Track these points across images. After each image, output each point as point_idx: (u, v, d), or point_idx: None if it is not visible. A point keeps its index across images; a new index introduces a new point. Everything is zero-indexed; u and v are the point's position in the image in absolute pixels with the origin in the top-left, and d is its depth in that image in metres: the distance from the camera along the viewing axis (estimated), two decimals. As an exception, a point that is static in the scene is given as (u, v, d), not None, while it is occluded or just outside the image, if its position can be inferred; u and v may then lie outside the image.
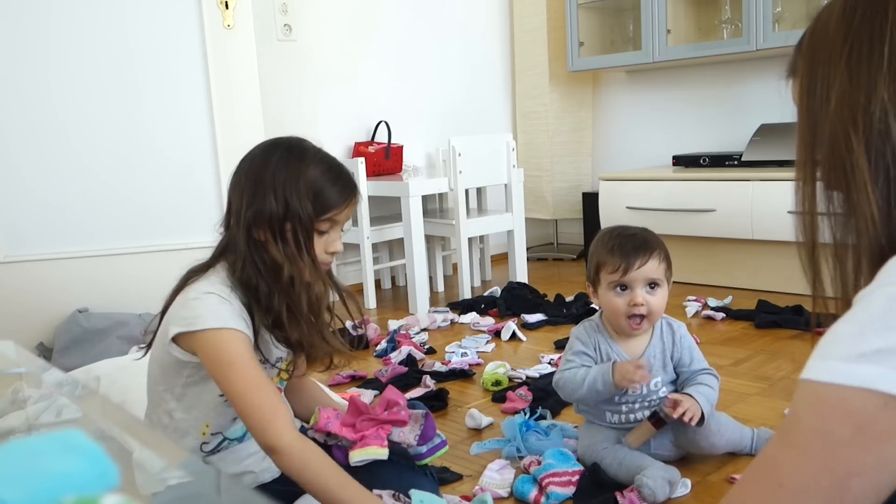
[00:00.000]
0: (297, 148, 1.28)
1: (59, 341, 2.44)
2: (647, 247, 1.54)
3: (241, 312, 1.22)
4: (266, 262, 1.23)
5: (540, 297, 3.15)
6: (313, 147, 1.30)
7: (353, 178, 1.30)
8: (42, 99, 2.48)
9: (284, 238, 1.22)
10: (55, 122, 2.50)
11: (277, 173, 1.23)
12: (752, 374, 2.20)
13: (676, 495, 1.49)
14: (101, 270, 2.56)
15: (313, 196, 1.23)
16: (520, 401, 2.03)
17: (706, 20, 3.72)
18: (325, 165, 1.26)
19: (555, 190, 4.18)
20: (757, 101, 3.63)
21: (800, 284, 3.36)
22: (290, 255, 1.22)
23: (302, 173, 1.23)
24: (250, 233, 1.23)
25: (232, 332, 1.18)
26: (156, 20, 2.58)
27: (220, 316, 1.18)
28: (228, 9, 2.64)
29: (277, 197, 1.21)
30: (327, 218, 1.25)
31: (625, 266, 1.52)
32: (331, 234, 1.28)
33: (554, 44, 4.08)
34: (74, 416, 1.18)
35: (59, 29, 2.47)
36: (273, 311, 1.23)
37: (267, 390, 1.18)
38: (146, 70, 2.57)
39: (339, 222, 1.28)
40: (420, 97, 3.95)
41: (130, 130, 2.57)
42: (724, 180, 3.18)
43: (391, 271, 3.81)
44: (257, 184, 1.23)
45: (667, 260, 1.56)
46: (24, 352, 1.12)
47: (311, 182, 1.23)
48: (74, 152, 2.53)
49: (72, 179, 2.53)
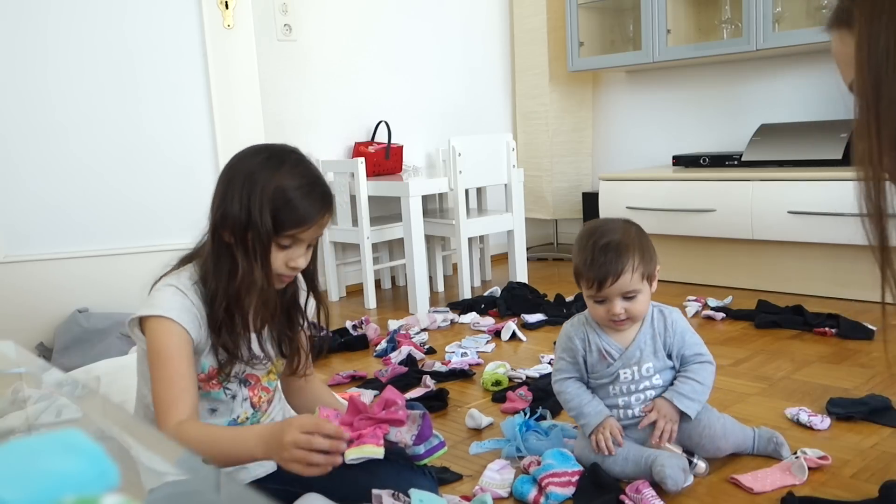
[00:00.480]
0: (279, 156, 1.24)
1: (59, 341, 2.44)
2: (620, 260, 1.50)
3: (194, 308, 1.23)
4: (225, 264, 1.23)
5: (540, 297, 3.15)
6: (297, 158, 1.26)
7: (326, 198, 1.25)
8: (42, 99, 2.48)
9: (245, 244, 1.21)
10: (55, 123, 2.50)
11: (248, 179, 1.21)
12: (752, 374, 2.20)
13: (692, 478, 1.54)
14: (101, 270, 2.56)
15: (277, 209, 1.20)
16: (520, 401, 2.03)
17: (706, 20, 3.72)
18: (299, 180, 1.22)
19: (555, 190, 4.18)
20: (757, 101, 3.63)
21: (799, 284, 3.36)
22: (248, 262, 1.21)
23: (271, 184, 1.20)
24: (217, 233, 1.24)
25: (170, 324, 1.19)
26: (156, 20, 2.58)
27: (167, 306, 1.20)
28: (228, 9, 2.64)
29: (242, 204, 1.20)
30: (288, 235, 1.22)
31: (598, 283, 1.52)
32: (294, 250, 1.24)
33: (554, 44, 4.08)
34: (74, 416, 1.18)
35: (59, 29, 2.47)
36: (213, 312, 1.23)
37: (175, 386, 1.18)
38: (146, 70, 2.57)
39: (303, 240, 1.25)
40: (420, 97, 3.95)
41: (130, 130, 2.57)
42: (724, 180, 3.18)
43: (391, 271, 3.81)
44: (229, 186, 1.23)
45: (645, 262, 1.53)
46: (24, 352, 1.12)
47: (278, 195, 1.20)
48: (74, 152, 2.53)
49: (72, 179, 2.53)
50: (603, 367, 1.61)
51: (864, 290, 2.92)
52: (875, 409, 1.83)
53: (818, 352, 2.36)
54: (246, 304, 1.24)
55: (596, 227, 1.59)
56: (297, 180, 1.22)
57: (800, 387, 2.07)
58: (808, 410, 1.83)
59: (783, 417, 1.85)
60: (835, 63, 0.77)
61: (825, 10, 3.21)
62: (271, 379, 1.39)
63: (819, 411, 1.86)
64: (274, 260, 1.23)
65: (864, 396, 1.91)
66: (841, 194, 2.84)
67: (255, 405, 1.35)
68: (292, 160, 1.24)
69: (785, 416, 1.85)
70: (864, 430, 1.76)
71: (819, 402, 1.94)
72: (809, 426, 1.78)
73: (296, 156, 1.26)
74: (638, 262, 1.52)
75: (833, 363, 2.25)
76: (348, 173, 3.24)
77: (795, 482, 1.52)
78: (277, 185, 1.20)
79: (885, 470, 1.57)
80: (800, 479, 1.52)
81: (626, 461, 1.55)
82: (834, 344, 2.43)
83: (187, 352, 1.21)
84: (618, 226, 1.57)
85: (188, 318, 1.21)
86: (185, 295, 1.23)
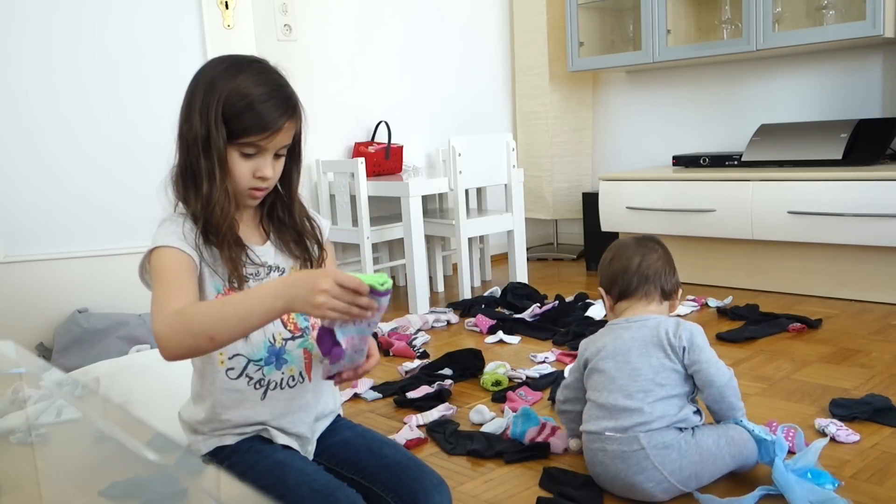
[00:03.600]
0: (240, 64, 1.20)
1: (58, 341, 2.44)
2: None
3: (184, 229, 1.19)
4: (191, 181, 1.21)
5: (540, 297, 3.15)
6: (261, 67, 1.21)
7: (290, 104, 1.20)
8: (42, 99, 2.48)
9: (208, 153, 1.18)
10: (55, 123, 2.50)
11: (208, 87, 1.18)
12: (752, 374, 2.20)
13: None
14: (101, 270, 2.56)
15: (235, 115, 1.16)
16: (520, 401, 2.04)
17: (706, 20, 3.73)
18: (261, 87, 1.18)
19: (555, 190, 4.18)
20: (757, 101, 3.63)
21: (799, 284, 3.36)
22: (209, 170, 1.18)
23: (228, 89, 1.16)
24: (184, 146, 1.21)
25: (166, 250, 1.17)
26: (156, 20, 2.58)
27: (160, 237, 1.19)
28: (228, 9, 2.64)
29: (201, 113, 1.17)
30: (248, 142, 1.18)
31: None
32: (259, 159, 1.20)
33: (554, 44, 4.08)
34: (74, 416, 1.18)
35: (60, 29, 2.47)
36: (197, 220, 1.20)
37: (171, 286, 1.13)
38: (146, 70, 2.57)
39: (268, 149, 1.19)
40: (420, 97, 3.95)
41: (130, 131, 2.57)
42: (724, 180, 3.18)
43: (391, 271, 3.81)
44: (191, 97, 1.21)
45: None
46: (24, 352, 1.12)
47: (236, 100, 1.16)
48: (74, 153, 2.53)
49: (72, 180, 2.53)
50: None
51: (864, 290, 2.93)
52: (878, 409, 1.83)
53: (818, 352, 2.36)
54: (212, 210, 1.18)
55: (619, 252, 1.68)
56: (259, 87, 1.18)
57: (800, 387, 2.07)
58: (838, 423, 1.76)
59: (812, 429, 1.79)
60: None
61: (825, 10, 3.21)
62: None
63: (820, 411, 1.86)
64: (240, 170, 1.19)
65: (865, 396, 1.91)
66: (841, 194, 2.84)
67: (285, 323, 1.27)
68: (255, 68, 1.20)
69: (814, 428, 1.78)
70: (865, 430, 1.76)
71: (819, 402, 1.94)
72: (835, 438, 1.71)
73: (260, 64, 1.22)
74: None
75: (833, 363, 2.25)
76: (348, 173, 3.24)
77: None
78: (235, 89, 1.17)
79: (885, 470, 1.57)
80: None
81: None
82: (834, 344, 2.43)
83: (186, 268, 1.17)
84: (635, 256, 1.65)
85: (181, 242, 1.18)
86: (175, 222, 1.21)
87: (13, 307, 2.48)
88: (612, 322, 1.64)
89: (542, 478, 1.61)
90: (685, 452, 1.47)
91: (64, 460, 1.35)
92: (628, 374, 1.52)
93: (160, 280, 1.15)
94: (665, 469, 1.46)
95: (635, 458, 1.47)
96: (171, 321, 1.08)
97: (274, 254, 1.29)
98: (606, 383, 1.54)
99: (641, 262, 1.62)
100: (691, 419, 1.52)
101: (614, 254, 1.67)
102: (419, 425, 1.93)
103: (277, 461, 1.19)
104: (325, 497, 1.12)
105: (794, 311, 2.78)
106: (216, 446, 1.24)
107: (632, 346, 1.54)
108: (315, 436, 1.31)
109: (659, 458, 1.46)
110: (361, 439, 1.31)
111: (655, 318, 1.58)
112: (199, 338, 1.08)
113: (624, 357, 1.53)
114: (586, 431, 1.56)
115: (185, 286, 1.15)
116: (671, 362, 1.51)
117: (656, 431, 1.47)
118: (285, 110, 1.19)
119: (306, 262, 1.30)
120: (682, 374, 1.52)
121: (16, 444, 1.43)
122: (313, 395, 1.29)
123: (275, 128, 1.18)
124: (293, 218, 1.31)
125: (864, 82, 3.28)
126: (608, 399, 1.52)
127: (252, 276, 1.24)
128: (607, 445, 1.50)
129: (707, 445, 1.49)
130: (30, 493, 1.26)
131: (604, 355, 1.57)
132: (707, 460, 1.48)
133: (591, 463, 1.55)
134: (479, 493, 1.59)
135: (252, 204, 1.26)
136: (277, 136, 1.19)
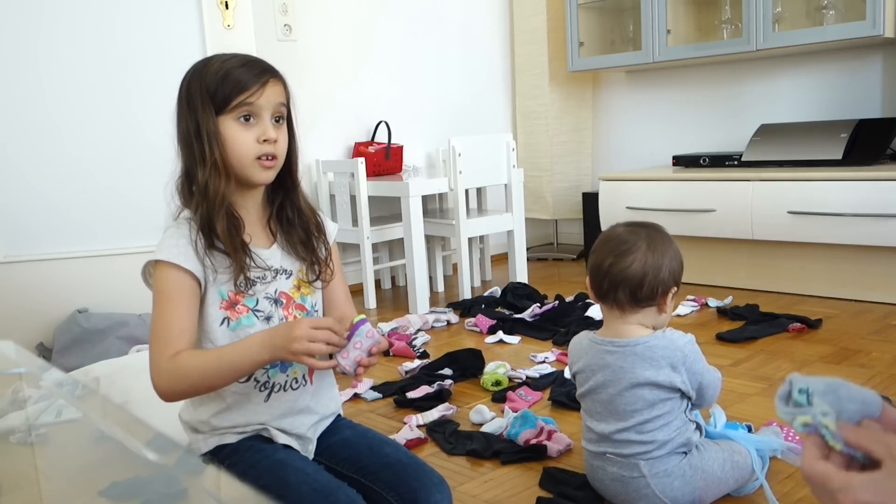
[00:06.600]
0: (209, 56, 1.24)
1: (58, 341, 2.44)
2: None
3: (187, 239, 1.20)
4: (186, 184, 1.24)
5: (540, 297, 3.15)
6: (231, 53, 1.25)
7: (267, 67, 1.23)
8: (41, 99, 2.48)
9: (199, 136, 1.19)
10: (55, 123, 2.50)
11: (189, 86, 1.21)
12: (752, 374, 2.20)
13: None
14: (101, 270, 2.56)
15: (216, 88, 1.19)
16: (520, 401, 2.04)
17: (706, 20, 3.73)
18: (233, 60, 1.21)
19: (555, 190, 4.18)
20: (757, 101, 3.63)
21: (799, 284, 3.35)
22: (201, 153, 1.19)
23: (206, 74, 1.20)
24: (182, 145, 1.24)
25: (167, 268, 1.18)
26: (156, 20, 2.58)
27: (163, 249, 1.19)
28: (228, 9, 2.64)
29: (189, 105, 1.20)
30: (237, 104, 1.19)
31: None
32: (258, 124, 1.21)
33: (554, 44, 4.08)
34: (74, 416, 1.18)
35: (59, 30, 2.47)
36: (205, 234, 1.20)
37: (172, 326, 1.17)
38: (146, 70, 2.57)
39: (260, 108, 1.20)
40: (420, 97, 3.95)
41: (130, 131, 2.57)
42: (724, 180, 3.18)
43: (391, 271, 3.81)
44: (179, 103, 1.24)
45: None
46: (24, 352, 1.12)
47: (213, 77, 1.19)
48: (74, 153, 2.53)
49: (72, 180, 2.53)
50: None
51: (864, 290, 2.93)
52: (877, 409, 1.83)
53: (818, 352, 2.36)
54: (213, 199, 1.19)
55: (611, 240, 1.54)
56: (233, 59, 1.21)
57: (800, 387, 2.07)
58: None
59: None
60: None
61: (825, 10, 3.21)
62: (304, 294, 1.30)
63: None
64: (243, 139, 1.20)
65: (864, 396, 1.91)
66: (841, 194, 2.84)
67: None
68: (226, 53, 1.24)
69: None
70: (864, 430, 1.76)
71: (819, 402, 1.94)
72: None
73: (230, 52, 1.25)
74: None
75: (833, 363, 2.25)
76: (348, 173, 3.24)
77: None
78: (210, 70, 1.20)
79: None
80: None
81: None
82: (834, 344, 2.43)
83: (188, 294, 1.18)
84: (630, 252, 1.50)
85: (183, 257, 1.18)
86: (179, 228, 1.22)
87: (13, 307, 2.48)
88: (596, 338, 1.50)
89: (542, 478, 1.61)
90: (689, 479, 1.41)
91: (64, 460, 1.35)
92: (623, 407, 1.43)
93: (160, 301, 1.19)
94: (666, 496, 1.40)
95: (635, 485, 1.42)
96: (169, 374, 1.16)
97: (280, 257, 1.29)
98: (603, 414, 1.46)
99: (613, 264, 1.45)
100: (692, 440, 1.45)
101: (595, 245, 1.53)
102: (419, 425, 1.93)
103: (278, 460, 1.20)
104: (325, 496, 1.13)
105: (794, 311, 2.78)
106: (217, 445, 1.25)
107: (623, 378, 1.42)
108: (316, 436, 1.31)
109: (660, 486, 1.40)
110: (362, 439, 1.31)
111: (644, 343, 1.43)
112: (196, 388, 1.19)
113: (616, 389, 1.43)
114: (586, 449, 1.52)
115: (184, 312, 1.19)
116: (666, 393, 1.42)
117: (657, 459, 1.41)
118: (264, 70, 1.23)
119: (313, 265, 1.31)
120: (678, 394, 1.43)
121: (16, 444, 1.43)
122: (314, 398, 1.30)
123: (258, 83, 1.20)
124: (302, 216, 1.31)
125: (864, 82, 3.28)
126: (605, 429, 1.45)
127: (259, 280, 1.25)
128: (607, 466, 1.46)
129: (713, 470, 1.43)
130: (30, 493, 1.26)
131: (593, 384, 1.47)
132: (711, 485, 1.43)
133: (592, 479, 1.52)
134: (479, 493, 1.59)
135: (264, 178, 1.24)
136: (264, 93, 1.21)
